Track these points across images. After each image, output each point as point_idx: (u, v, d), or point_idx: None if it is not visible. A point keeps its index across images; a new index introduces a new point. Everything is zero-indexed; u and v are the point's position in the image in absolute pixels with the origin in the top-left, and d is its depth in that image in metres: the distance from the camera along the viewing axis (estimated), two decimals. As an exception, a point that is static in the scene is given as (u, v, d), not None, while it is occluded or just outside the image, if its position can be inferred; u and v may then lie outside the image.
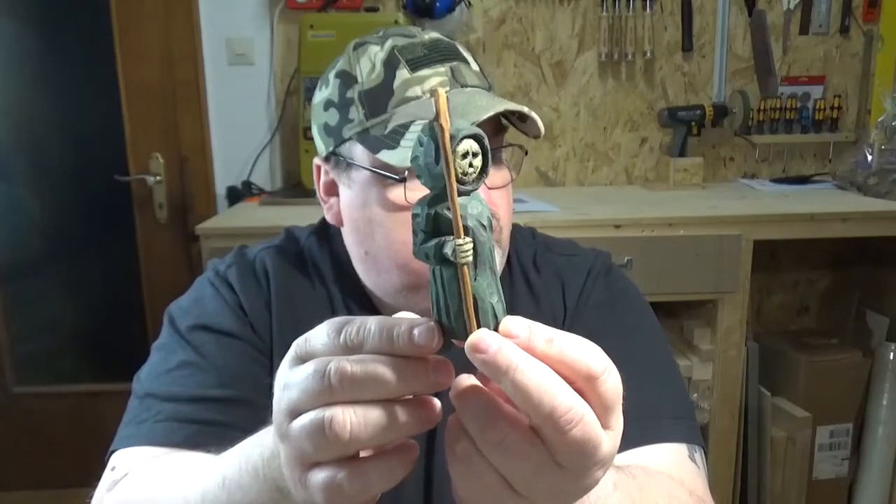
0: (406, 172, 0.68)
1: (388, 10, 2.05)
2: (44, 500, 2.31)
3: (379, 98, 0.70)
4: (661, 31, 2.14)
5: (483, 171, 0.36)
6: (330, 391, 0.36)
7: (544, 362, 0.35)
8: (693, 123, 2.07)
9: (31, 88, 2.22)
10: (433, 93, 0.36)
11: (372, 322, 0.37)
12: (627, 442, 0.65)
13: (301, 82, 1.90)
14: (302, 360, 0.39)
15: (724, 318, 1.71)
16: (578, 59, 2.15)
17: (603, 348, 0.80)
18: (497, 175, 0.73)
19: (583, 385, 0.35)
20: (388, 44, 0.72)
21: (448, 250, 0.35)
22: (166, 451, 0.67)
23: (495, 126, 0.70)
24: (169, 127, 2.15)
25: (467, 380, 0.37)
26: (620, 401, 0.37)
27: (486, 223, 0.36)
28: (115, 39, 2.10)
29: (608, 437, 0.36)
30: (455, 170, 0.35)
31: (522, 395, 0.34)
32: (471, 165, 0.35)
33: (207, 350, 0.74)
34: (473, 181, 0.36)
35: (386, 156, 0.67)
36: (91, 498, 0.66)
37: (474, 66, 0.73)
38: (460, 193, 0.35)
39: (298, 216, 0.81)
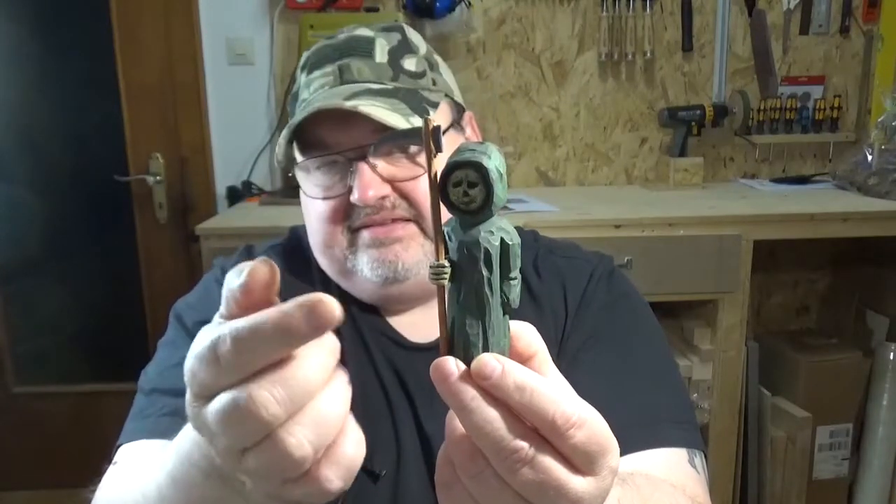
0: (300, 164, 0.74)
1: (388, 10, 2.05)
2: (44, 500, 2.31)
3: (293, 102, 0.78)
4: (661, 31, 2.14)
5: (487, 200, 0.36)
6: (262, 427, 0.34)
7: (510, 405, 0.35)
8: (693, 123, 2.07)
9: (31, 88, 2.22)
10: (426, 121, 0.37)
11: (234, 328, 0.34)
12: (628, 446, 0.65)
13: (301, 82, 1.90)
14: (202, 396, 0.36)
15: (724, 318, 1.71)
16: (578, 59, 2.15)
17: (604, 352, 0.80)
18: (399, 171, 0.72)
19: (548, 436, 0.36)
20: (315, 46, 0.77)
21: (430, 270, 0.37)
22: (169, 442, 0.66)
23: (377, 125, 0.68)
24: (169, 127, 2.15)
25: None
26: (606, 448, 0.37)
27: (479, 255, 0.36)
28: (115, 40, 2.10)
29: (586, 482, 0.36)
30: (435, 195, 0.37)
31: (469, 431, 0.36)
32: (465, 195, 0.36)
33: None
34: (475, 210, 0.37)
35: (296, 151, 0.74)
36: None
37: (379, 59, 0.74)
38: (462, 222, 0.37)
39: (298, 216, 0.81)
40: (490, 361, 0.36)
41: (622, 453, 0.39)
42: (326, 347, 0.36)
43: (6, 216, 2.25)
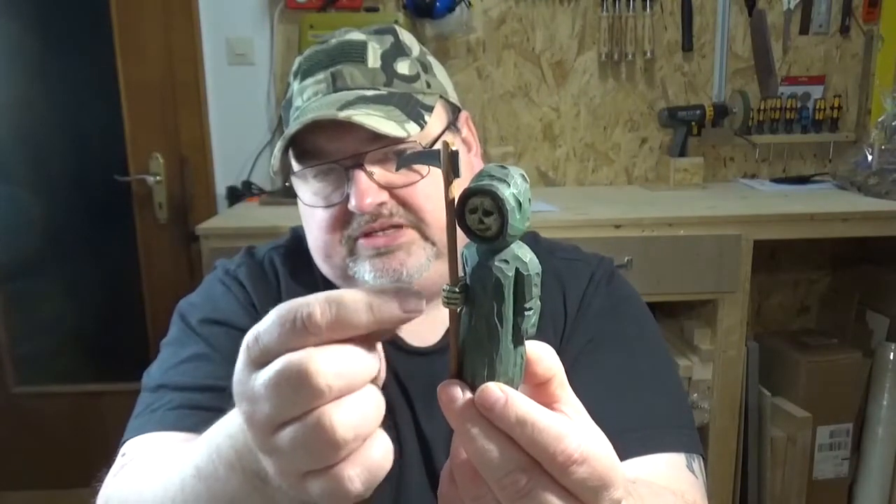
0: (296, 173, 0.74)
1: (388, 10, 2.05)
2: (44, 500, 2.31)
3: (286, 109, 0.78)
4: (661, 31, 2.14)
5: (501, 230, 0.35)
6: (314, 396, 0.35)
7: (511, 435, 0.35)
8: (693, 123, 2.07)
9: (31, 88, 2.22)
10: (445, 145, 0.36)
11: (326, 301, 0.37)
12: (627, 451, 0.65)
13: (301, 82, 1.90)
14: (258, 362, 0.37)
15: (724, 318, 1.71)
16: (578, 59, 2.15)
17: (603, 357, 0.80)
18: (396, 178, 0.71)
19: (549, 470, 0.35)
20: (307, 52, 0.77)
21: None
22: (177, 434, 0.67)
23: (372, 133, 0.68)
24: (169, 127, 2.15)
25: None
26: (608, 483, 0.36)
27: (489, 284, 0.35)
28: (115, 39, 2.10)
29: None
30: (452, 220, 0.36)
31: (469, 457, 0.36)
32: (481, 222, 0.35)
33: (218, 342, 0.74)
34: (490, 238, 0.35)
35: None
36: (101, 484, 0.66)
37: (372, 63, 0.73)
38: (479, 248, 0.36)
39: (298, 216, 0.81)
40: (494, 392, 0.35)
41: (621, 458, 0.39)
42: (378, 355, 0.38)
43: (6, 216, 2.25)
